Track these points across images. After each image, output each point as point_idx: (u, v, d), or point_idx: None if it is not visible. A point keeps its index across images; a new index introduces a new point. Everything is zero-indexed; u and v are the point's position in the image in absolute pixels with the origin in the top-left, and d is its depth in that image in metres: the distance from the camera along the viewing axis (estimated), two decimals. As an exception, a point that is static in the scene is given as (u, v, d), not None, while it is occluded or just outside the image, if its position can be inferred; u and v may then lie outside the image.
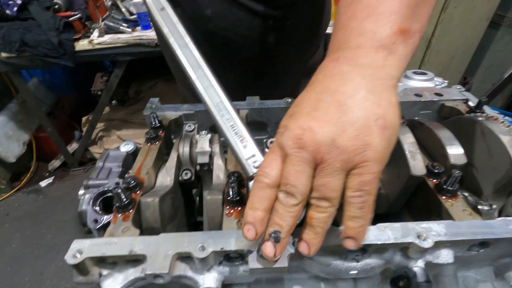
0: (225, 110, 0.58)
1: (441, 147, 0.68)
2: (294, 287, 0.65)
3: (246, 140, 0.56)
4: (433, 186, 0.64)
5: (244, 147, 0.55)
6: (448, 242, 0.53)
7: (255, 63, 1.05)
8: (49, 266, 2.51)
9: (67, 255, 0.53)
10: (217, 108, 0.58)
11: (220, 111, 0.58)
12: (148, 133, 0.80)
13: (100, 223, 0.65)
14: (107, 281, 0.56)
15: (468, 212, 0.59)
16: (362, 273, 0.59)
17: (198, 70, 0.62)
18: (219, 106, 0.58)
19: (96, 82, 3.16)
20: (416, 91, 0.93)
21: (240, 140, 0.56)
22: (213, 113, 0.59)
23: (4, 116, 3.06)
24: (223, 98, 0.59)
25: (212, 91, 0.60)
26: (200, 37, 0.98)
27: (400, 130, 0.71)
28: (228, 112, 0.58)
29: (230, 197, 0.62)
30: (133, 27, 2.52)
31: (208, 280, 0.55)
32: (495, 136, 0.65)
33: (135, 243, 0.54)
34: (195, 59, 0.63)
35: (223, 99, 0.59)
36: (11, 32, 2.32)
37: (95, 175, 0.75)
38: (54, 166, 3.45)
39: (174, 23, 0.66)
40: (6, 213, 3.00)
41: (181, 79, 1.27)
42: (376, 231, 0.54)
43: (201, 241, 0.53)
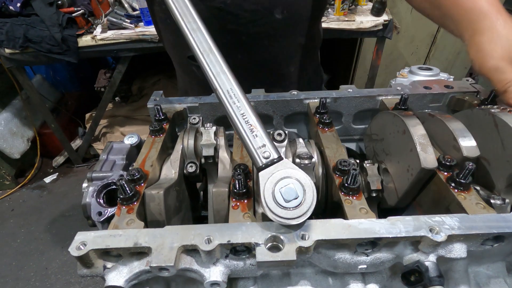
0: (236, 98, 0.56)
1: (453, 139, 0.66)
2: (301, 282, 0.63)
3: (257, 129, 0.54)
4: (445, 179, 0.62)
5: (255, 136, 0.53)
6: (462, 236, 0.51)
7: (262, 40, 1.05)
8: (53, 261, 2.53)
9: (71, 247, 0.52)
10: (228, 95, 0.56)
11: (231, 98, 0.56)
12: (153, 125, 0.79)
13: (104, 216, 0.64)
14: (111, 274, 0.55)
15: (481, 206, 0.57)
16: (371, 267, 0.57)
17: (209, 55, 0.59)
18: (230, 93, 0.56)
19: (99, 79, 3.16)
20: (425, 84, 0.91)
21: (251, 130, 0.54)
22: (224, 100, 0.56)
23: (8, 112, 3.07)
24: (235, 85, 0.57)
25: (223, 77, 0.57)
26: (208, 13, 0.97)
27: (410, 122, 0.70)
28: (239, 100, 0.56)
29: (237, 189, 0.60)
30: (136, 23, 2.51)
31: (214, 273, 0.54)
32: (510, 128, 0.62)
33: (140, 235, 0.53)
34: (207, 44, 0.60)
35: (234, 86, 0.56)
36: (14, 28, 2.32)
37: (99, 167, 0.75)
38: (58, 162, 3.47)
39: (186, 5, 0.64)
40: (11, 209, 3.03)
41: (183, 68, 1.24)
42: (387, 224, 0.53)
43: (207, 233, 0.52)
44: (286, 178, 0.50)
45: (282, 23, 1.01)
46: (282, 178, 0.50)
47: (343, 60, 3.50)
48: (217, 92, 0.57)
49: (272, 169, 0.51)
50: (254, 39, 1.04)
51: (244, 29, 1.00)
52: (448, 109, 0.90)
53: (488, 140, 0.68)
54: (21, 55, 2.47)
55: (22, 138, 3.17)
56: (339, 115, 0.96)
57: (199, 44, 0.60)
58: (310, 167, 0.63)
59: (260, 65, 1.08)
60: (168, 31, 1.09)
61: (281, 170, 0.51)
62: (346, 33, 2.51)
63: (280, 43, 1.08)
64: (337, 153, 0.72)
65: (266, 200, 0.50)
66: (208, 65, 0.58)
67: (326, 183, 0.72)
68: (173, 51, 1.17)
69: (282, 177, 0.50)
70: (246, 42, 1.03)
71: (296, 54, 1.16)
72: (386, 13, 2.55)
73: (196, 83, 1.21)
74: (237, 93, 0.56)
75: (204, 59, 0.59)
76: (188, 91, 1.27)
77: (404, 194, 0.70)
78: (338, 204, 0.63)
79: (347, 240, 0.52)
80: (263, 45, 1.06)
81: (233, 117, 0.55)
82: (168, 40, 1.14)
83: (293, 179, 0.50)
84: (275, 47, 1.08)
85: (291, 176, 0.50)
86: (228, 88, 0.56)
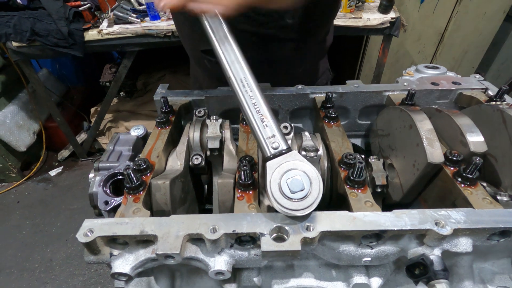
0: (249, 87, 0.56)
1: (461, 134, 0.66)
2: (304, 274, 0.64)
3: (267, 119, 0.54)
4: (451, 174, 0.62)
5: (265, 126, 0.54)
6: (468, 230, 0.51)
7: (272, 41, 1.05)
8: (58, 253, 2.56)
9: (78, 233, 0.53)
10: (241, 84, 0.56)
11: (243, 87, 0.56)
12: (159, 117, 0.79)
13: (111, 205, 0.64)
14: (117, 261, 0.56)
15: (488, 201, 0.57)
16: (375, 260, 0.57)
17: (225, 43, 0.59)
18: (243, 82, 0.56)
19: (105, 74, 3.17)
20: (432, 80, 0.91)
21: (261, 119, 0.54)
22: (236, 88, 0.56)
23: (15, 105, 3.10)
24: (248, 75, 0.57)
25: (237, 66, 0.57)
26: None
27: (417, 116, 0.69)
28: (252, 90, 0.56)
29: (242, 180, 0.61)
30: (142, 18, 2.51)
31: (219, 263, 0.55)
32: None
33: (146, 224, 0.53)
34: (223, 31, 0.60)
35: (248, 76, 0.57)
36: (21, 21, 2.34)
37: (106, 157, 0.75)
38: (63, 156, 3.50)
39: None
40: (17, 201, 3.07)
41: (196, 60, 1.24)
42: (393, 217, 0.53)
43: (213, 223, 0.53)
44: (293, 169, 0.50)
45: (293, 27, 1.01)
46: (289, 170, 0.50)
47: (348, 58, 3.48)
48: (231, 81, 0.57)
49: (280, 160, 0.52)
50: (264, 40, 1.04)
51: (255, 31, 1.01)
52: (455, 106, 0.89)
53: (496, 136, 0.68)
54: (28, 49, 2.49)
55: (28, 131, 3.20)
56: (345, 110, 0.95)
57: (216, 30, 0.60)
58: (316, 160, 0.63)
59: (268, 65, 1.09)
60: (185, 23, 1.09)
61: (289, 162, 0.51)
62: (353, 30, 2.49)
63: (289, 46, 1.08)
64: (343, 147, 0.72)
65: (272, 190, 0.50)
66: (223, 53, 0.58)
67: (331, 176, 0.72)
68: (188, 43, 1.18)
69: (289, 168, 0.50)
70: (256, 43, 1.04)
71: (305, 57, 1.16)
72: (393, 10, 2.52)
73: (207, 76, 1.21)
74: (250, 83, 0.56)
75: (219, 47, 0.59)
76: (199, 80, 1.27)
77: (410, 189, 0.70)
78: (343, 197, 0.64)
79: (352, 232, 0.52)
80: (273, 47, 1.07)
81: (245, 106, 0.56)
82: (184, 32, 1.15)
83: (300, 171, 0.50)
84: (284, 49, 1.09)
85: (298, 168, 0.50)
86: (242, 77, 0.56)
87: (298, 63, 1.17)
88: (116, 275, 0.56)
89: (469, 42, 3.18)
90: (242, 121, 0.82)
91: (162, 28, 2.44)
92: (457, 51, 3.26)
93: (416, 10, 2.89)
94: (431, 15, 2.91)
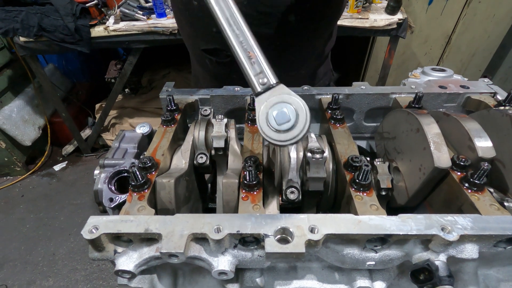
0: (236, 26, 0.55)
1: (469, 139, 0.65)
2: (307, 276, 0.63)
3: (255, 56, 0.54)
4: (458, 179, 0.61)
5: (252, 63, 0.53)
6: (475, 236, 0.51)
7: (274, 41, 1.05)
8: (61, 247, 2.58)
9: (83, 230, 0.53)
10: (228, 22, 0.55)
11: (230, 26, 0.55)
12: (164, 115, 0.79)
13: (115, 202, 0.65)
14: (121, 259, 0.56)
15: (495, 207, 0.56)
16: (379, 264, 0.57)
17: None
18: (229, 20, 0.55)
19: (110, 70, 3.19)
20: (440, 83, 0.90)
21: (249, 57, 0.54)
22: (223, 26, 0.55)
23: (21, 100, 3.13)
24: (236, 12, 0.56)
25: (222, 4, 0.56)
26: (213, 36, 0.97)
27: (424, 120, 0.68)
28: (239, 28, 0.55)
29: (247, 181, 0.60)
30: (148, 15, 2.51)
31: (222, 263, 0.55)
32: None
33: (151, 222, 0.53)
34: None
35: (235, 13, 0.55)
36: (29, 16, 2.35)
37: (111, 155, 0.76)
38: (68, 151, 3.53)
39: None
40: (21, 195, 3.10)
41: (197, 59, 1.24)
42: (398, 221, 0.52)
43: (217, 222, 0.53)
44: (280, 102, 0.51)
45: (295, 27, 1.01)
46: (277, 103, 0.51)
47: (354, 59, 3.46)
48: (217, 20, 0.56)
49: (268, 94, 0.52)
50: (266, 39, 1.04)
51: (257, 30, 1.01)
52: (463, 110, 0.89)
53: (505, 141, 0.67)
54: (34, 44, 2.51)
55: (34, 126, 3.23)
56: (350, 112, 0.95)
57: None
58: (321, 161, 0.63)
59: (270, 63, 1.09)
60: (186, 23, 1.10)
61: (277, 96, 0.51)
62: (359, 31, 2.48)
63: (291, 46, 1.08)
64: (349, 149, 0.72)
65: (260, 123, 0.51)
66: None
67: (337, 178, 0.72)
68: (189, 42, 1.19)
69: (276, 102, 0.51)
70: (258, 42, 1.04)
71: (308, 58, 1.16)
72: (400, 11, 2.50)
73: (208, 75, 1.22)
74: (236, 21, 0.55)
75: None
76: (199, 79, 1.28)
77: (415, 193, 0.69)
78: (348, 199, 0.63)
79: (357, 236, 0.51)
80: (275, 46, 1.06)
81: (232, 44, 0.55)
82: (185, 31, 1.16)
83: (286, 104, 0.50)
84: (286, 49, 1.08)
85: (285, 101, 0.51)
86: (228, 15, 0.55)
87: (300, 64, 1.16)
88: (120, 272, 0.56)
89: (476, 45, 3.15)
90: (248, 120, 0.82)
91: (168, 26, 2.44)
92: (464, 53, 3.22)
93: (423, 12, 2.86)
94: (439, 17, 2.88)
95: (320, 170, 0.64)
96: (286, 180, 0.65)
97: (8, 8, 2.38)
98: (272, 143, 0.51)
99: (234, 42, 0.55)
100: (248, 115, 0.83)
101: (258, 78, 0.53)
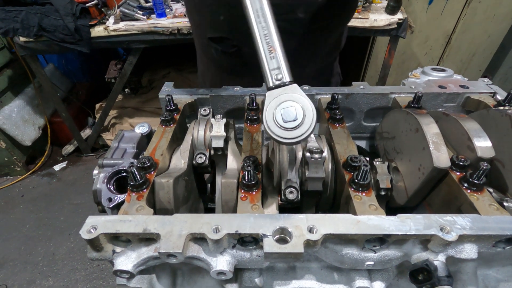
0: (263, 18, 0.56)
1: (468, 139, 0.65)
2: (306, 276, 0.63)
3: (275, 51, 0.54)
4: (457, 179, 0.61)
5: (272, 58, 0.54)
6: (474, 236, 0.51)
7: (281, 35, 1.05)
8: (61, 247, 2.58)
9: (82, 230, 0.53)
10: (256, 14, 0.56)
11: (258, 17, 0.56)
12: (163, 115, 0.79)
13: (114, 202, 0.65)
14: (120, 259, 0.56)
15: (495, 207, 0.56)
16: (378, 264, 0.57)
17: None
18: (258, 12, 0.56)
19: (110, 70, 3.19)
20: (440, 83, 0.89)
21: (269, 51, 0.55)
22: (251, 17, 0.57)
23: (21, 100, 3.13)
24: (265, 5, 0.57)
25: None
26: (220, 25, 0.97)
27: (423, 120, 0.68)
28: (266, 20, 0.56)
29: (246, 181, 0.60)
30: (148, 15, 2.51)
31: (220, 263, 0.54)
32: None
33: (149, 222, 0.53)
34: None
35: (264, 6, 0.57)
36: (29, 16, 2.35)
37: (110, 154, 0.75)
38: (68, 151, 3.53)
39: None
40: (21, 195, 3.10)
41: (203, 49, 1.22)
42: (397, 221, 0.52)
43: (216, 222, 0.53)
44: (289, 101, 0.51)
45: (304, 22, 1.00)
46: (286, 100, 0.52)
47: (354, 59, 3.46)
48: (247, 11, 0.57)
49: (280, 91, 0.53)
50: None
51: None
52: (462, 110, 0.88)
53: (504, 141, 0.67)
54: (34, 44, 2.51)
55: (34, 126, 3.23)
56: (350, 111, 0.95)
57: None
58: (320, 161, 0.63)
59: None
60: (194, 10, 1.10)
61: (288, 94, 0.52)
62: (359, 31, 2.48)
63: (299, 42, 1.07)
64: (348, 149, 0.72)
65: (267, 117, 0.51)
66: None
67: (335, 178, 0.72)
68: (197, 31, 1.18)
69: (286, 99, 0.52)
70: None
71: (314, 56, 1.15)
72: (401, 11, 2.50)
73: (213, 65, 1.21)
74: (265, 14, 0.56)
75: None
76: (204, 72, 1.27)
77: (414, 193, 0.69)
78: (347, 199, 0.63)
79: (356, 236, 0.51)
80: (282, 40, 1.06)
81: (256, 35, 0.56)
82: (193, 20, 1.16)
83: (296, 103, 0.51)
84: (293, 45, 1.07)
85: (295, 100, 0.51)
86: (258, 7, 0.57)
87: (305, 62, 1.15)
88: (119, 272, 0.56)
89: (476, 45, 3.14)
90: (247, 120, 0.82)
91: (168, 26, 2.44)
92: (464, 53, 3.22)
93: (424, 12, 2.86)
94: (439, 16, 2.88)
95: (319, 170, 0.64)
96: (285, 180, 0.65)
97: (8, 8, 2.38)
98: (273, 138, 0.52)
99: (258, 34, 0.56)
100: (247, 115, 0.83)
101: (274, 73, 0.54)
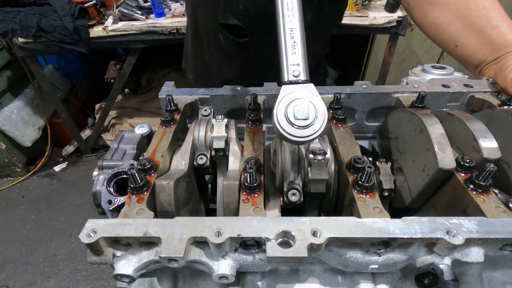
0: (293, 12, 0.55)
1: (473, 139, 0.64)
2: (309, 279, 0.62)
3: (297, 47, 0.53)
4: (463, 180, 0.60)
5: (293, 53, 0.53)
6: (480, 239, 0.50)
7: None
8: (62, 248, 2.58)
9: (81, 234, 0.52)
10: (286, 6, 0.55)
11: (287, 10, 0.55)
12: (164, 115, 0.78)
13: (114, 204, 0.64)
14: (120, 263, 0.55)
15: (501, 210, 0.55)
16: (383, 268, 0.56)
17: None
18: (288, 5, 0.56)
19: (109, 70, 3.18)
20: (443, 82, 0.88)
21: (292, 45, 0.53)
22: (280, 8, 0.56)
23: (20, 101, 3.12)
24: (296, 2, 0.56)
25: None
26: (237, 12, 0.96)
27: (427, 120, 0.67)
28: (294, 15, 0.55)
29: (248, 183, 0.59)
30: (147, 15, 2.50)
31: (223, 266, 0.54)
32: (534, 130, 0.60)
33: (150, 225, 0.52)
34: None
35: (295, 3, 0.56)
36: (28, 17, 2.34)
37: (110, 156, 0.75)
38: (68, 151, 3.53)
39: None
40: (22, 196, 3.10)
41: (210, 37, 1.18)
42: (402, 224, 0.51)
43: (217, 226, 0.52)
44: (303, 99, 0.50)
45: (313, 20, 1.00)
46: (300, 98, 0.50)
47: (354, 57, 3.44)
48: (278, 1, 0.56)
49: (295, 87, 0.52)
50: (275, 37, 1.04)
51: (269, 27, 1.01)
52: (466, 109, 0.87)
53: (509, 141, 0.66)
54: (33, 44, 2.50)
55: (34, 127, 3.23)
56: (352, 111, 0.93)
57: None
58: (324, 163, 0.62)
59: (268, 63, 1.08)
60: None
61: (303, 92, 0.51)
62: (359, 29, 2.46)
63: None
64: (351, 150, 0.71)
65: (278, 112, 0.50)
66: None
67: (339, 180, 0.71)
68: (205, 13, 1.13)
69: (300, 97, 0.51)
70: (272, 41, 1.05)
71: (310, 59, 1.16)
72: (400, 9, 2.48)
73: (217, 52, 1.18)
74: (295, 9, 0.55)
75: None
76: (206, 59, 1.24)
77: (418, 195, 0.68)
78: (351, 202, 0.62)
79: (360, 239, 0.50)
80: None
81: (281, 28, 0.55)
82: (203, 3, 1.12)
83: (309, 102, 0.50)
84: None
85: (309, 99, 0.51)
86: (289, 1, 0.56)
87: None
88: (119, 276, 0.55)
89: (478, 43, 3.13)
90: (248, 121, 0.81)
91: (167, 25, 2.43)
92: (465, 51, 3.20)
93: (424, 10, 2.84)
94: (440, 14, 2.86)
95: (322, 171, 0.63)
96: (288, 181, 0.64)
97: (7, 9, 2.37)
98: (280, 133, 0.51)
99: (284, 27, 0.55)
100: (248, 115, 0.81)
101: (292, 68, 0.53)
